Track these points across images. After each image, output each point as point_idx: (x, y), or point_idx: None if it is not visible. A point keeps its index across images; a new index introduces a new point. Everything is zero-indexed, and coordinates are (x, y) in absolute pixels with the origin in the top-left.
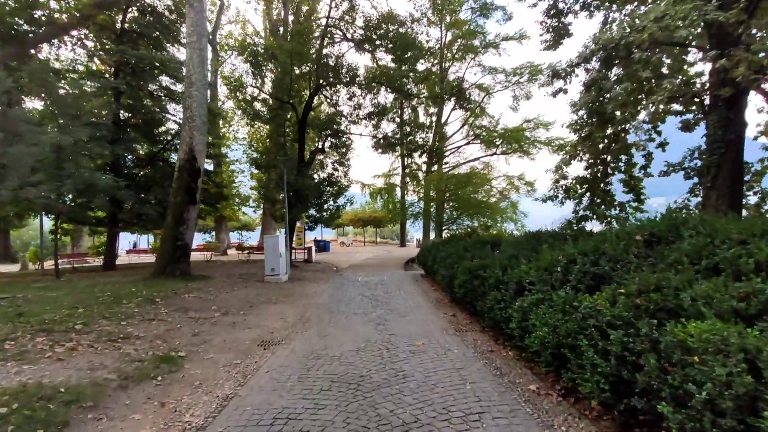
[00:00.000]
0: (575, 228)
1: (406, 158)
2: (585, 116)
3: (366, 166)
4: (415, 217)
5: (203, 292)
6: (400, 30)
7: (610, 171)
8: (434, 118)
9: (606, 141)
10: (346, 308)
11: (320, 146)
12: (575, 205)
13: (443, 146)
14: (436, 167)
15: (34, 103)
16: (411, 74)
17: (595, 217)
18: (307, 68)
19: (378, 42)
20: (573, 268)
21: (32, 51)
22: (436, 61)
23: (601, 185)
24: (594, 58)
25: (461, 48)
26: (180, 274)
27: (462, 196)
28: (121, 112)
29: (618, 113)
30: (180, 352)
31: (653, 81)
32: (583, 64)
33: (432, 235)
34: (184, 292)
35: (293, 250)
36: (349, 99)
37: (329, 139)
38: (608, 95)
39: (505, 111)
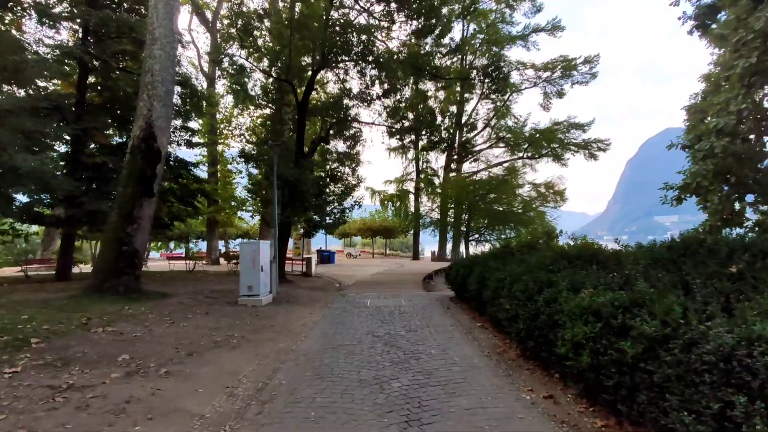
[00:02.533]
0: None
1: (421, 162)
2: (760, 45)
3: (377, 173)
4: (435, 226)
5: (134, 322)
6: None
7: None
8: (455, 109)
9: None
10: (346, 365)
11: (324, 135)
12: (709, 205)
13: (468, 140)
14: (454, 171)
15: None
16: (436, 48)
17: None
18: (310, 42)
19: (395, 4)
20: None
21: None
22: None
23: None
24: None
25: (485, 41)
26: (123, 291)
27: (483, 207)
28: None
29: None
30: None
31: None
32: None
33: (448, 248)
34: (105, 322)
35: (289, 261)
36: (360, 75)
37: (335, 126)
38: None
39: (534, 110)
